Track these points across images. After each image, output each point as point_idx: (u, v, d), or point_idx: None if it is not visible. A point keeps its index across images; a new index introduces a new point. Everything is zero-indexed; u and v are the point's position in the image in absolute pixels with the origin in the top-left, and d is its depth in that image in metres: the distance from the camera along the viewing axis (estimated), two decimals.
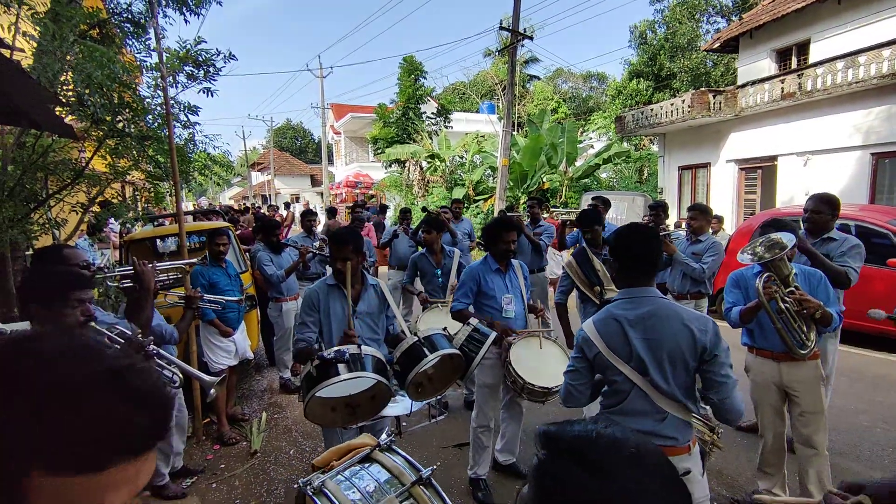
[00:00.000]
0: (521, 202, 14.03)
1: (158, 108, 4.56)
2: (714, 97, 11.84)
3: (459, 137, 19.72)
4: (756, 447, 3.04)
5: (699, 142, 13.13)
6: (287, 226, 10.20)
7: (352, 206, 10.60)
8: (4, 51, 2.25)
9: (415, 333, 2.42)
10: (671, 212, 10.78)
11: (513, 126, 13.11)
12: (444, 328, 2.55)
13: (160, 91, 4.33)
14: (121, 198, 6.00)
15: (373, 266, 6.78)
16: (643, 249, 1.87)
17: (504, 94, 14.04)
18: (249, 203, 25.28)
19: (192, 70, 4.62)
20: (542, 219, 5.83)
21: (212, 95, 4.80)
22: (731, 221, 11.81)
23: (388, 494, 1.74)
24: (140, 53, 4.94)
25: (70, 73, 3.75)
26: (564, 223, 5.34)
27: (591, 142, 21.12)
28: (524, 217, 5.79)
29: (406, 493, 1.75)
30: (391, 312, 2.81)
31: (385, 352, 2.69)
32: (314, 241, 5.49)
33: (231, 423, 4.21)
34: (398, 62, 20.85)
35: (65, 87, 3.80)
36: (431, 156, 18.34)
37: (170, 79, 4.40)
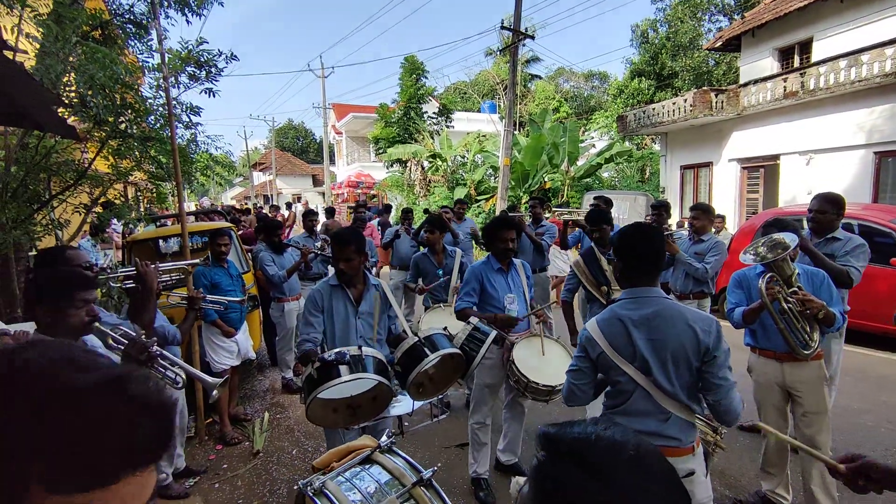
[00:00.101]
0: (523, 202, 14.01)
1: (161, 109, 4.58)
2: (716, 96, 11.81)
3: (461, 137, 19.71)
4: (759, 447, 3.03)
5: (701, 141, 13.09)
6: (289, 226, 10.20)
7: (354, 206, 10.61)
8: (8, 53, 2.26)
9: (415, 333, 2.42)
10: (673, 211, 10.71)
11: (514, 125, 13.11)
12: (445, 328, 2.55)
13: (162, 92, 4.34)
14: (123, 198, 6.01)
15: (374, 266, 6.78)
16: (646, 249, 1.87)
17: (505, 94, 14.03)
18: (251, 203, 25.34)
19: (194, 71, 4.64)
20: (545, 218, 5.82)
21: (214, 96, 4.83)
22: (734, 221, 11.78)
23: (389, 496, 1.74)
24: (142, 54, 4.98)
25: (73, 75, 3.76)
26: (566, 223, 5.33)
27: (593, 141, 21.10)
28: (526, 217, 5.78)
29: (407, 495, 1.75)
30: (393, 312, 2.81)
31: (387, 351, 2.70)
32: (316, 242, 5.49)
33: (233, 424, 4.21)
34: (399, 62, 20.89)
35: (67, 89, 3.81)
36: (433, 155, 18.34)
37: (172, 79, 4.41)
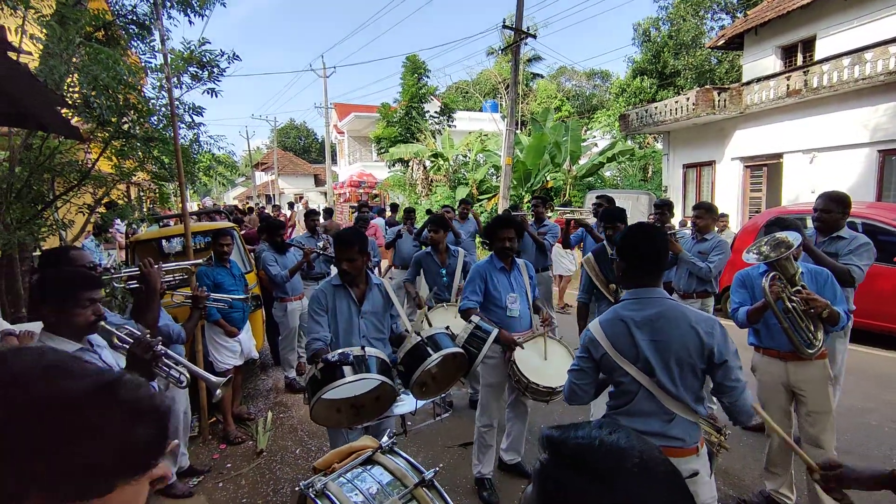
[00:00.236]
0: (525, 201, 14.00)
1: (163, 109, 4.59)
2: (719, 94, 11.76)
3: (463, 136, 19.70)
4: (762, 447, 3.02)
5: (704, 139, 13.05)
6: (290, 226, 10.22)
7: (357, 206, 10.61)
8: (12, 54, 2.27)
9: (418, 333, 2.42)
10: (676, 210, 10.70)
11: (516, 125, 13.10)
12: (447, 327, 2.56)
13: (165, 92, 4.35)
14: (126, 199, 6.03)
15: (377, 266, 6.79)
16: (649, 249, 1.86)
17: (507, 93, 14.01)
18: (253, 203, 25.39)
19: (197, 71, 4.65)
20: (547, 218, 5.81)
21: (216, 96, 4.84)
22: (737, 219, 11.74)
23: (391, 497, 1.73)
24: (145, 55, 4.99)
25: (76, 75, 3.77)
26: (569, 222, 5.31)
27: (595, 140, 21.06)
28: (529, 216, 5.77)
29: (409, 495, 1.75)
30: (395, 311, 2.82)
31: (389, 351, 2.70)
32: (318, 241, 5.50)
33: (237, 423, 4.22)
34: (401, 61, 20.97)
35: (71, 89, 3.83)
36: (435, 155, 18.34)
37: (174, 80, 4.42)
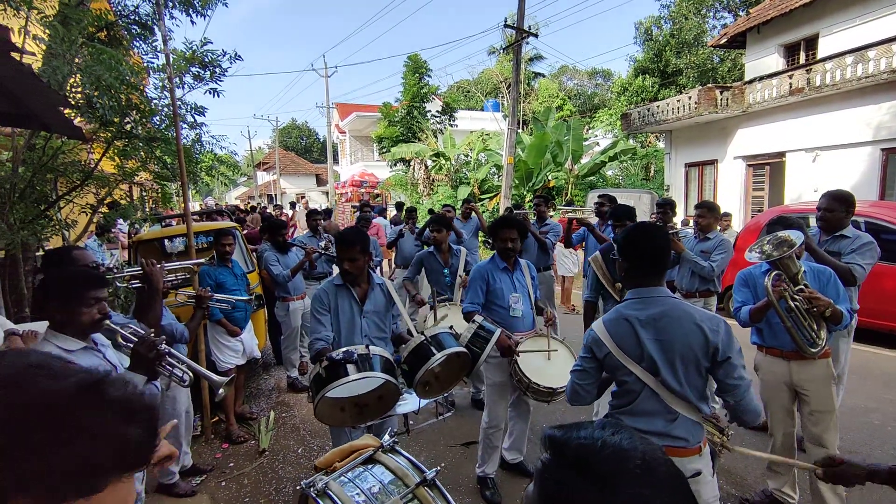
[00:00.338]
0: (527, 200, 13.98)
1: (165, 110, 4.60)
2: (721, 93, 11.74)
3: (464, 136, 19.70)
4: (765, 446, 3.02)
5: (706, 138, 13.02)
6: (292, 226, 10.23)
7: (359, 206, 10.62)
8: (15, 55, 2.28)
9: (422, 332, 2.42)
10: (678, 209, 10.70)
11: (518, 124, 13.09)
12: (451, 326, 2.56)
13: (167, 92, 4.36)
14: (129, 199, 6.05)
15: (379, 265, 6.79)
16: (651, 248, 1.85)
17: (509, 92, 13.99)
18: (255, 203, 25.42)
19: (199, 71, 4.66)
20: (549, 217, 5.81)
21: (218, 96, 4.84)
22: (739, 218, 11.71)
23: (393, 496, 1.73)
24: (147, 55, 5.00)
25: (79, 76, 3.78)
26: (571, 221, 5.31)
27: (597, 139, 21.03)
28: (531, 215, 5.76)
29: (410, 495, 1.75)
30: (397, 311, 2.82)
31: (391, 350, 2.70)
32: (320, 241, 5.51)
33: (239, 422, 4.23)
34: (403, 61, 20.87)
35: (74, 90, 3.84)
36: (436, 154, 18.33)
37: (176, 80, 4.42)
